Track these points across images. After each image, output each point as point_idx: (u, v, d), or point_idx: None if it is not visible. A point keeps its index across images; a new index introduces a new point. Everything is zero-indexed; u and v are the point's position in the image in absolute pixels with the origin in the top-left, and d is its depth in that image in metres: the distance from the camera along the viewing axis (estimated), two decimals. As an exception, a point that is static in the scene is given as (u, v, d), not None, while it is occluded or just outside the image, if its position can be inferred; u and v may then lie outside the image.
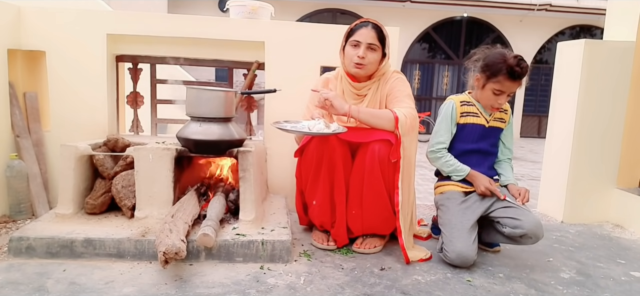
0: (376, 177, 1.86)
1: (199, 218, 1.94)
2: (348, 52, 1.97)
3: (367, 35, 1.93)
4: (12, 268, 1.66)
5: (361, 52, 1.92)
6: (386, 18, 10.76)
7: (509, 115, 2.14)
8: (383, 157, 1.84)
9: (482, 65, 1.98)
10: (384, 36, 1.97)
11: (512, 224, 1.86)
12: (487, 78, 1.95)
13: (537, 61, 11.56)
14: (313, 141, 1.92)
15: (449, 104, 2.09)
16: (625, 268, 2.02)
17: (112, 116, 2.54)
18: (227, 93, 2.03)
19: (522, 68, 1.89)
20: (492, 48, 2.01)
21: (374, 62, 1.96)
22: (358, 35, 1.94)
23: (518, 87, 1.95)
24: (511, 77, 1.90)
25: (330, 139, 1.88)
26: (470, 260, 1.85)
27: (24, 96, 2.42)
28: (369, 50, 1.93)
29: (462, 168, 2.02)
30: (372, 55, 1.94)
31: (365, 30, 1.94)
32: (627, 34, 2.73)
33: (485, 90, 1.98)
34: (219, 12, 10.13)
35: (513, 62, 1.88)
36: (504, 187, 2.06)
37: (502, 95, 1.95)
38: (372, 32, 1.94)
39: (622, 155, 2.72)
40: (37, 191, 2.28)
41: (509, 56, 1.91)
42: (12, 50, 2.32)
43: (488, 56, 1.97)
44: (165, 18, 2.63)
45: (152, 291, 1.53)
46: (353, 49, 1.95)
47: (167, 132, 3.60)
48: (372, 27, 1.95)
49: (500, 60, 1.91)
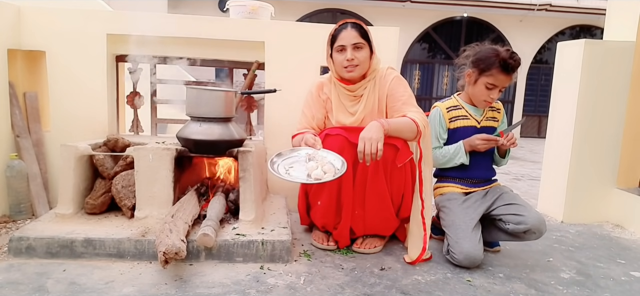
0: (379, 179, 1.85)
1: (199, 218, 1.94)
2: (336, 59, 1.95)
3: (350, 36, 1.90)
4: (12, 268, 1.66)
5: (349, 55, 1.89)
6: (386, 18, 10.76)
7: (502, 113, 2.14)
8: (387, 160, 1.84)
9: (473, 60, 1.99)
10: (366, 32, 1.94)
11: (516, 220, 1.86)
12: (480, 72, 1.96)
13: (537, 61, 11.54)
14: (324, 143, 1.90)
15: (434, 112, 2.10)
16: (625, 268, 2.02)
17: (112, 116, 2.54)
18: (227, 93, 2.03)
19: (515, 60, 1.91)
20: (482, 44, 2.02)
21: (364, 60, 1.93)
22: (341, 39, 1.91)
23: (510, 81, 1.96)
24: (504, 70, 1.91)
25: (340, 141, 1.86)
26: (478, 260, 1.85)
27: (24, 96, 2.42)
28: (356, 50, 1.91)
29: (456, 149, 2.01)
30: (361, 53, 1.92)
31: (346, 32, 1.91)
32: (627, 34, 2.73)
33: (477, 85, 1.98)
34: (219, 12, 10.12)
35: (506, 55, 1.90)
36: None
37: (495, 90, 1.96)
38: (354, 31, 1.90)
39: (622, 155, 2.71)
40: (37, 191, 2.28)
41: (501, 50, 1.93)
42: (12, 50, 2.32)
43: (479, 51, 1.99)
44: (165, 18, 2.63)
45: (152, 291, 1.53)
46: (340, 54, 1.93)
47: (167, 132, 3.60)
48: (352, 27, 1.92)
49: (492, 54, 1.92)
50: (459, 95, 2.11)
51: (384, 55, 2.47)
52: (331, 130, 1.95)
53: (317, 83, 2.10)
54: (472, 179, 2.07)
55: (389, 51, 2.53)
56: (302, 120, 2.10)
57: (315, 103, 2.07)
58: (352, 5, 10.82)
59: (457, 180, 2.08)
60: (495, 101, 2.07)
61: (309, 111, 2.08)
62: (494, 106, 2.11)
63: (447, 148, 2.04)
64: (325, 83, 2.08)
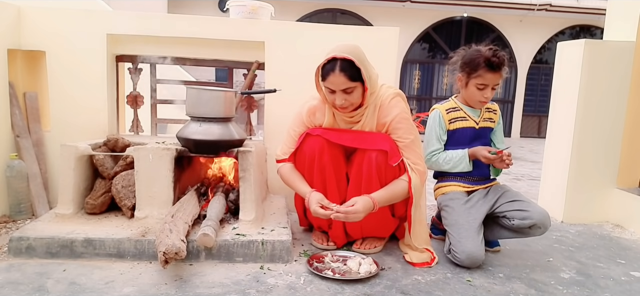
0: (374, 184, 1.84)
1: (199, 218, 1.94)
2: (327, 95, 1.84)
3: (339, 82, 1.74)
4: (12, 268, 1.66)
5: (339, 101, 1.78)
6: (386, 18, 10.75)
7: (498, 115, 2.16)
8: (380, 165, 1.83)
9: (460, 65, 2.03)
10: (357, 68, 1.74)
11: (521, 216, 1.87)
12: (468, 75, 1.99)
13: (537, 61, 11.54)
14: (304, 145, 1.90)
15: (434, 114, 2.11)
16: (625, 268, 2.02)
17: (112, 116, 2.54)
18: (227, 93, 2.03)
19: (498, 57, 1.93)
20: (467, 48, 2.05)
21: (357, 99, 1.81)
22: (330, 83, 1.77)
23: (500, 78, 1.98)
24: (490, 68, 1.93)
25: (320, 142, 1.85)
26: (480, 260, 1.86)
27: (24, 96, 2.42)
28: (346, 94, 1.78)
29: (462, 157, 2.02)
30: (352, 96, 1.79)
31: (334, 77, 1.74)
32: (627, 34, 2.73)
33: (469, 87, 2.01)
34: (219, 12, 10.12)
35: (489, 54, 1.93)
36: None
37: (486, 89, 1.98)
38: (342, 77, 1.73)
39: (622, 155, 2.71)
40: (37, 191, 2.28)
41: (484, 49, 1.95)
42: (12, 50, 2.32)
43: (464, 55, 2.02)
44: (165, 18, 2.63)
45: (152, 291, 1.53)
46: (330, 94, 1.81)
47: (167, 132, 3.60)
48: (340, 70, 1.72)
49: (476, 56, 1.95)
50: (457, 98, 2.13)
51: (384, 55, 2.49)
52: (313, 130, 1.91)
53: (309, 108, 1.96)
54: (474, 177, 2.07)
55: (389, 51, 2.53)
56: (288, 142, 1.99)
57: (304, 128, 1.96)
58: (352, 5, 10.82)
59: (458, 178, 2.09)
60: (490, 101, 2.09)
61: (295, 134, 1.97)
62: (490, 107, 2.12)
63: (450, 154, 2.05)
64: (318, 107, 1.94)
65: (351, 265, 1.78)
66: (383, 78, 1.99)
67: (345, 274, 1.73)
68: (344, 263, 1.82)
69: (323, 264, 1.82)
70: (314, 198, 1.80)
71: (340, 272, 1.74)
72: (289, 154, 1.97)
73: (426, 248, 1.94)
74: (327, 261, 1.83)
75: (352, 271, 1.75)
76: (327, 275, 1.71)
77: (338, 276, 1.71)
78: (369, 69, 1.81)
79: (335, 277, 1.70)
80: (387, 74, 2.46)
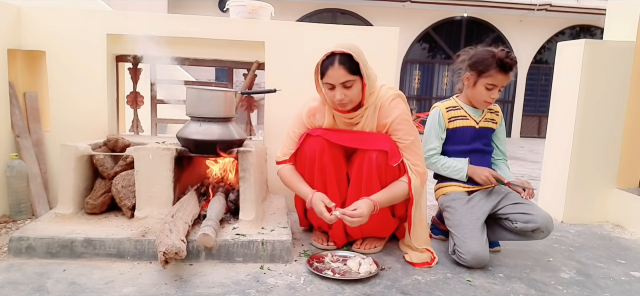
0: (374, 185, 1.84)
1: (199, 218, 1.94)
2: (326, 93, 1.84)
3: (338, 76, 1.74)
4: (12, 268, 1.66)
5: (338, 96, 1.77)
6: (386, 18, 10.76)
7: (500, 116, 2.16)
8: (381, 165, 1.83)
9: (470, 64, 2.01)
10: (356, 62, 1.75)
11: (524, 219, 1.87)
12: (478, 74, 1.98)
13: (537, 61, 11.54)
14: (304, 145, 1.90)
15: (434, 112, 2.11)
16: (625, 268, 2.02)
17: (112, 116, 2.54)
18: (227, 93, 2.03)
19: (511, 59, 1.94)
20: (476, 47, 2.04)
21: (356, 95, 1.80)
22: (329, 77, 1.76)
23: (508, 80, 1.98)
24: (502, 70, 1.93)
25: (320, 142, 1.85)
26: (486, 260, 1.85)
27: (24, 96, 2.42)
28: (345, 88, 1.77)
29: (461, 166, 2.03)
30: (351, 91, 1.77)
31: (333, 71, 1.74)
32: (627, 34, 2.73)
33: (477, 87, 2.00)
34: (219, 12, 10.12)
35: (502, 55, 1.93)
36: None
37: (494, 89, 1.98)
38: (341, 70, 1.73)
39: (622, 155, 2.71)
40: (37, 191, 2.28)
41: (497, 50, 1.95)
42: (12, 50, 2.32)
43: (475, 54, 2.01)
44: (165, 18, 2.63)
45: (152, 291, 1.53)
46: (329, 90, 1.80)
47: (167, 132, 3.60)
48: (340, 63, 1.73)
49: (489, 56, 1.95)
50: (458, 97, 2.12)
51: (384, 55, 2.49)
52: (313, 130, 1.91)
53: (309, 109, 1.95)
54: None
55: (389, 51, 2.53)
56: (288, 143, 1.98)
57: (304, 129, 1.96)
58: (352, 5, 10.83)
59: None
60: (494, 103, 2.08)
61: (295, 135, 1.97)
62: (492, 108, 2.12)
63: (449, 162, 2.05)
64: (318, 109, 1.94)
65: (351, 265, 1.78)
66: (383, 78, 1.99)
67: (345, 274, 1.73)
68: (344, 263, 1.82)
69: (323, 264, 1.82)
70: (318, 198, 1.80)
71: (340, 272, 1.74)
72: (289, 155, 1.97)
73: (426, 248, 1.94)
74: (327, 261, 1.83)
75: (352, 271, 1.75)
76: (327, 275, 1.71)
77: (338, 276, 1.71)
78: (368, 67, 1.82)
79: (335, 277, 1.70)
80: (387, 73, 2.46)
